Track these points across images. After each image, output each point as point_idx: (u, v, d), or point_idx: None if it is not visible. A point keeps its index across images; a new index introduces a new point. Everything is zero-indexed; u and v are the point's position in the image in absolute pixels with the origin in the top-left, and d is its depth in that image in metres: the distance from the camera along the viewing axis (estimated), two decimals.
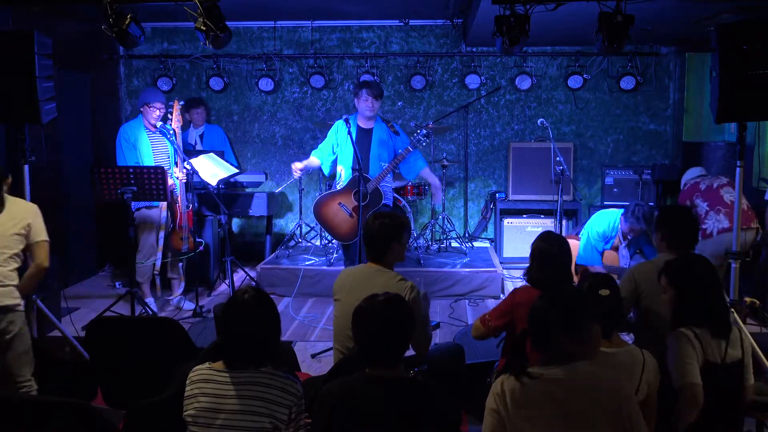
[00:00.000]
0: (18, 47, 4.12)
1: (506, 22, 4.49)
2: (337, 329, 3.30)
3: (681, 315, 2.72)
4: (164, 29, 7.63)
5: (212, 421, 2.20)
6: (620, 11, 4.33)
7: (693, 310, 2.68)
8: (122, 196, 4.82)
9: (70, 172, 6.55)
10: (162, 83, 7.48)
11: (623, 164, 7.43)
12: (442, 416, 2.18)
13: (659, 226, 3.45)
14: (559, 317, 2.14)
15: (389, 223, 3.25)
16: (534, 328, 2.21)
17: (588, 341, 2.16)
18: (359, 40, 7.60)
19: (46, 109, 4.21)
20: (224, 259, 5.92)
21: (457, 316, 5.56)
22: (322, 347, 4.70)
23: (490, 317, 3.20)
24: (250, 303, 2.27)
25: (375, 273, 3.22)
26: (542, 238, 3.25)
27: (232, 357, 2.27)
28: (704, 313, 2.66)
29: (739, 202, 4.03)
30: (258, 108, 7.76)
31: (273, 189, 7.45)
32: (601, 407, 2.06)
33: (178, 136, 5.41)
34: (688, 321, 2.67)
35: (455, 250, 6.85)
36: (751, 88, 3.82)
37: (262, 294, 2.35)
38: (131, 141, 5.42)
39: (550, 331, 2.14)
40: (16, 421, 2.31)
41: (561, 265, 3.17)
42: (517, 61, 7.47)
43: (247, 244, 7.69)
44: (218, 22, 4.46)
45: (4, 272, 3.32)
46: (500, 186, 7.68)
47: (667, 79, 7.49)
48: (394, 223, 3.26)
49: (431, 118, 7.42)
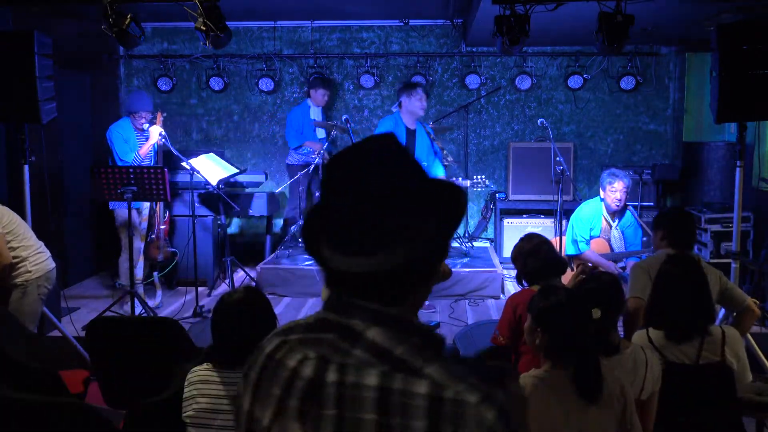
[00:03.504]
0: (18, 47, 4.13)
1: (506, 22, 4.50)
2: None
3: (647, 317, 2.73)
4: (164, 29, 7.63)
5: (211, 421, 2.20)
6: (620, 11, 4.34)
7: (651, 311, 2.70)
8: (122, 195, 4.82)
9: (69, 172, 6.55)
10: (162, 83, 7.48)
11: (623, 164, 7.42)
12: None
13: (659, 226, 3.45)
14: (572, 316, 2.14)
15: None
16: (551, 328, 2.18)
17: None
18: (359, 40, 7.60)
19: (46, 109, 4.22)
20: (224, 259, 5.94)
21: (457, 316, 5.56)
22: None
23: (502, 334, 3.14)
24: (241, 303, 2.27)
25: None
26: (516, 244, 3.32)
27: (224, 357, 2.27)
28: (660, 317, 2.66)
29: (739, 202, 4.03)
30: (258, 108, 7.75)
31: (273, 189, 7.44)
32: (607, 408, 2.07)
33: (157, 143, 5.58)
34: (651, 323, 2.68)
35: (455, 250, 6.84)
36: (751, 88, 3.83)
37: (255, 294, 2.35)
38: (125, 137, 5.52)
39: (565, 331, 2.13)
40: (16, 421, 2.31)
41: (541, 250, 3.20)
42: (517, 61, 7.47)
43: (247, 244, 7.69)
44: (218, 22, 4.47)
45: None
46: (500, 186, 7.68)
47: (667, 79, 7.49)
48: None
49: (431, 118, 7.41)
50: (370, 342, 0.97)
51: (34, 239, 4.12)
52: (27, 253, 3.98)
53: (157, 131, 5.50)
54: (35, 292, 4.01)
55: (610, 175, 4.82)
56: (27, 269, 3.98)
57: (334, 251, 1.00)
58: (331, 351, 0.99)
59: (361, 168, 1.02)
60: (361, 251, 0.98)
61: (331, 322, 1.02)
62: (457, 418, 0.91)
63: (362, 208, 0.99)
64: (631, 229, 5.03)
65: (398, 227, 0.98)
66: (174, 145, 5.71)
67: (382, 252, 0.97)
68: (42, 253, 4.10)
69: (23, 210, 4.42)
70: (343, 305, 1.01)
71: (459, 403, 0.91)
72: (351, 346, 0.98)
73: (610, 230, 5.03)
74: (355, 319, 0.99)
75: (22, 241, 3.97)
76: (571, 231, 5.04)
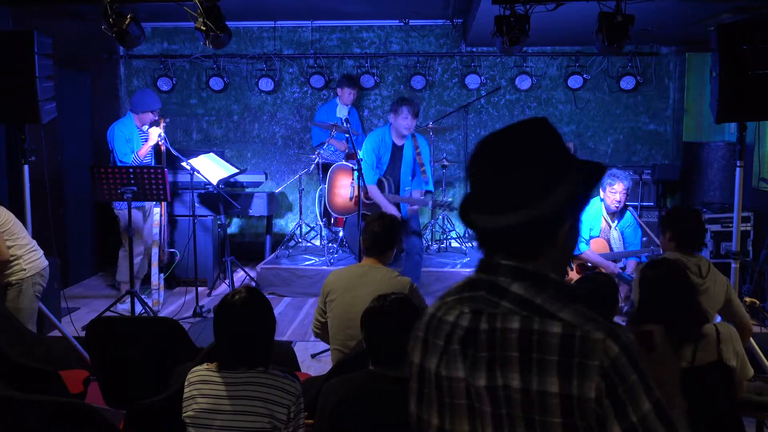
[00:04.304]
0: (18, 47, 4.12)
1: (506, 22, 4.50)
2: (335, 329, 3.30)
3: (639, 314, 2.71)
4: (164, 29, 7.63)
5: (211, 422, 2.20)
6: (620, 11, 4.34)
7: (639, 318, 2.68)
8: (122, 195, 4.82)
9: (69, 172, 6.55)
10: (162, 83, 7.48)
11: (623, 164, 7.42)
12: None
13: (666, 226, 3.37)
14: None
15: (396, 224, 3.44)
16: None
17: None
18: (359, 40, 7.60)
19: (46, 109, 4.22)
20: (224, 260, 5.94)
21: None
22: (322, 347, 4.70)
23: None
24: (241, 304, 2.27)
25: (370, 270, 3.29)
26: None
27: (224, 357, 2.27)
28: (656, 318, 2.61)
29: (739, 202, 4.03)
30: (258, 108, 7.75)
31: (273, 189, 7.45)
32: None
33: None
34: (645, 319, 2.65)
35: (455, 250, 6.84)
36: (751, 88, 3.82)
37: (255, 294, 2.34)
38: (127, 136, 5.54)
39: None
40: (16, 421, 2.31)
41: None
42: (517, 61, 7.47)
43: (247, 244, 7.69)
44: (218, 22, 4.47)
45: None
46: None
47: (667, 79, 7.48)
48: (396, 223, 3.45)
49: (431, 118, 7.42)
50: (514, 294, 1.17)
51: (28, 238, 4.13)
52: (21, 252, 3.99)
53: (156, 132, 5.52)
54: (30, 290, 4.02)
55: (610, 176, 4.81)
56: (21, 267, 3.98)
57: (477, 213, 1.21)
58: (482, 305, 1.20)
59: (501, 141, 1.22)
60: (495, 210, 1.18)
61: (481, 280, 1.22)
62: (586, 351, 1.08)
63: (497, 176, 1.19)
64: (630, 229, 5.03)
65: (525, 192, 1.16)
66: (174, 146, 5.72)
67: (510, 212, 1.16)
68: (35, 252, 4.11)
69: (23, 210, 4.42)
70: (490, 265, 1.22)
71: (587, 339, 1.09)
72: (499, 299, 1.18)
73: (610, 230, 5.03)
74: (500, 276, 1.19)
75: (16, 240, 3.98)
76: None
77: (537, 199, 1.16)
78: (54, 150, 6.20)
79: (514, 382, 1.12)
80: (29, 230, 4.35)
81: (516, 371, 1.12)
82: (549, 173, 1.18)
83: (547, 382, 1.10)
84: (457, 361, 1.20)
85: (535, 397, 1.11)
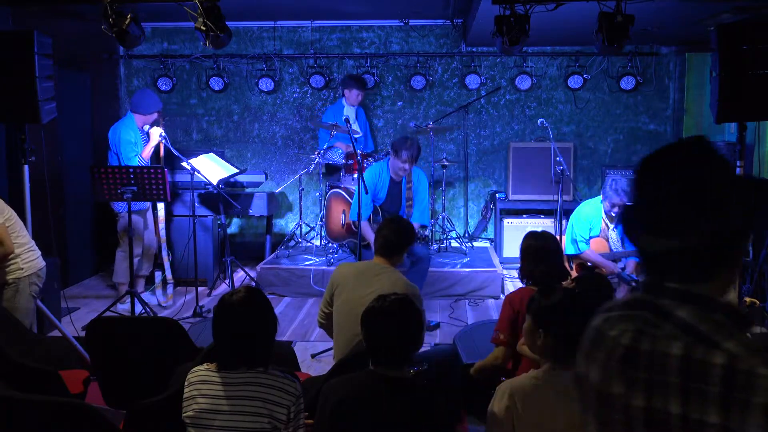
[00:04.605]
0: (18, 47, 4.13)
1: (506, 22, 4.50)
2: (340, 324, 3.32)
3: None
4: (164, 29, 7.63)
5: (211, 422, 2.20)
6: (620, 11, 4.34)
7: None
8: (122, 195, 4.82)
9: (69, 172, 6.55)
10: (162, 83, 7.48)
11: (623, 164, 7.43)
12: (441, 415, 2.19)
13: None
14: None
15: (408, 229, 3.55)
16: (552, 329, 2.17)
17: None
18: (359, 40, 7.60)
19: (46, 109, 4.22)
20: (224, 260, 5.94)
21: (457, 316, 5.56)
22: (322, 347, 4.70)
23: (502, 332, 3.10)
24: (240, 304, 2.27)
25: (381, 270, 3.35)
26: (529, 236, 3.35)
27: (224, 357, 2.27)
28: None
29: None
30: (258, 108, 7.75)
31: (273, 189, 7.45)
32: None
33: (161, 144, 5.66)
34: None
35: (455, 250, 6.84)
36: (751, 88, 3.82)
37: (255, 294, 2.34)
38: (132, 140, 5.55)
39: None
40: (16, 421, 2.31)
41: (552, 258, 3.23)
42: (517, 61, 7.47)
43: (247, 244, 7.69)
44: (218, 22, 4.47)
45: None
46: (500, 186, 7.68)
47: (667, 79, 7.49)
48: (410, 228, 3.57)
49: (431, 118, 7.42)
50: (678, 318, 1.15)
51: (28, 237, 4.13)
52: (20, 251, 3.98)
53: (157, 132, 5.53)
54: (27, 289, 4.01)
55: (613, 190, 4.79)
56: (19, 266, 3.98)
57: (648, 234, 1.20)
58: (644, 325, 1.19)
59: (671, 162, 1.21)
60: (669, 232, 1.16)
61: (645, 301, 1.22)
62: (749, 386, 1.05)
63: (672, 196, 1.17)
64: None
65: (703, 211, 1.14)
66: (174, 146, 5.72)
67: (689, 231, 1.14)
68: (33, 251, 4.11)
69: (23, 210, 4.42)
70: (656, 287, 1.21)
71: (752, 374, 1.06)
72: (663, 321, 1.17)
73: (608, 231, 5.04)
74: (666, 299, 1.18)
75: (17, 239, 3.97)
76: (570, 231, 5.04)
77: (718, 220, 1.15)
78: (54, 150, 6.20)
79: (673, 407, 1.12)
80: (29, 230, 4.35)
81: (676, 396, 1.12)
82: (729, 194, 1.17)
83: (707, 411, 1.09)
84: (616, 378, 1.21)
85: (694, 426, 1.10)
